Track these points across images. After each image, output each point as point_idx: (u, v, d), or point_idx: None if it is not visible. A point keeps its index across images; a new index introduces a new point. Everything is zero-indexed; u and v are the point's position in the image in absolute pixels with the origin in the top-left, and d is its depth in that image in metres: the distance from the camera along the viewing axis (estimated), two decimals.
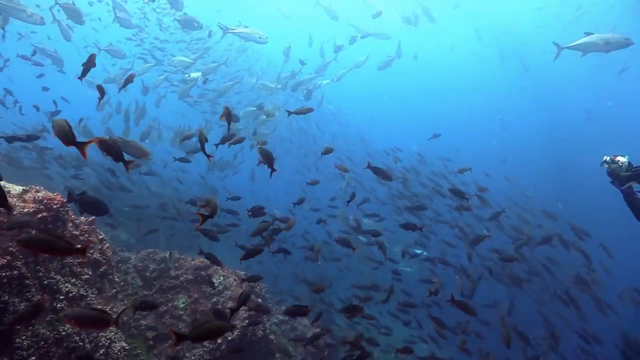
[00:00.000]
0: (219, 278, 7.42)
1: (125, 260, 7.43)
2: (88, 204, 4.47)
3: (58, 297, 4.41)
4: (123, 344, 5.08)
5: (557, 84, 29.93)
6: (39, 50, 11.46)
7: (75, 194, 4.74)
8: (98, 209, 4.57)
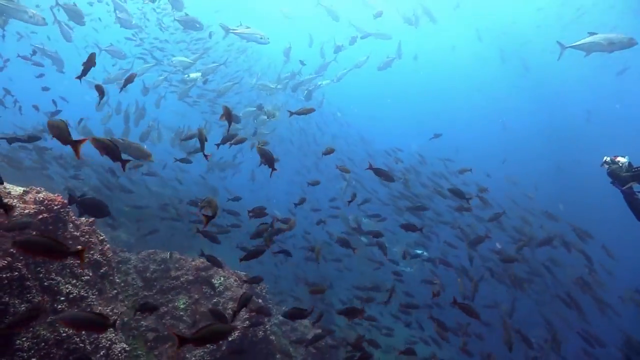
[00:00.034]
0: (220, 279, 7.40)
1: (126, 261, 7.41)
2: (89, 206, 4.45)
3: (59, 298, 4.39)
4: (124, 345, 5.07)
5: (557, 84, 29.94)
6: (39, 51, 11.44)
7: (77, 196, 4.72)
8: (99, 211, 4.56)
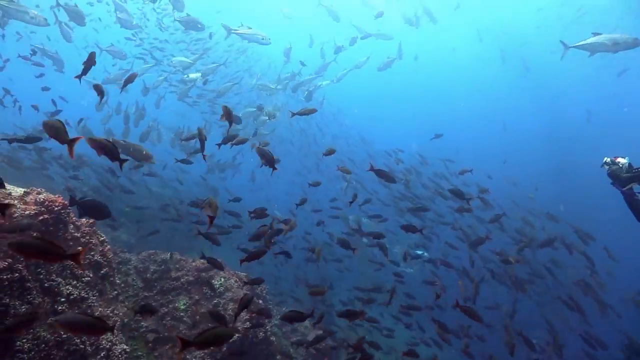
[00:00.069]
0: (220, 280, 7.38)
1: (126, 262, 7.39)
2: (89, 208, 4.43)
3: (59, 299, 4.38)
4: (124, 347, 5.05)
5: (558, 85, 29.93)
6: (40, 51, 11.43)
7: (78, 197, 4.71)
8: (99, 213, 4.54)
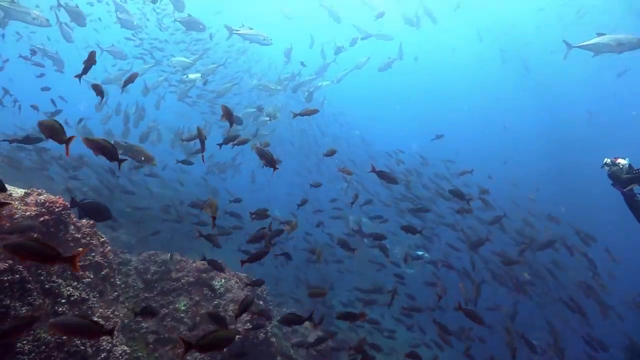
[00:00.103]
0: (221, 281, 7.37)
1: (127, 263, 7.37)
2: (91, 210, 4.42)
3: (60, 301, 4.37)
4: (124, 348, 5.04)
5: (558, 85, 29.87)
6: (40, 52, 11.42)
7: (78, 198, 4.69)
8: (100, 215, 4.52)
